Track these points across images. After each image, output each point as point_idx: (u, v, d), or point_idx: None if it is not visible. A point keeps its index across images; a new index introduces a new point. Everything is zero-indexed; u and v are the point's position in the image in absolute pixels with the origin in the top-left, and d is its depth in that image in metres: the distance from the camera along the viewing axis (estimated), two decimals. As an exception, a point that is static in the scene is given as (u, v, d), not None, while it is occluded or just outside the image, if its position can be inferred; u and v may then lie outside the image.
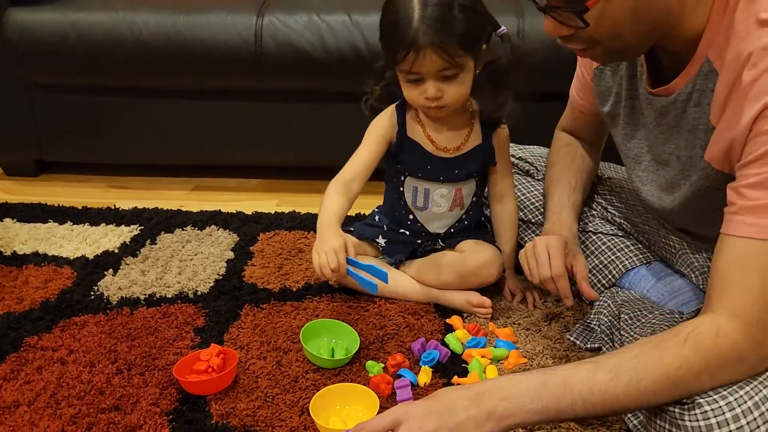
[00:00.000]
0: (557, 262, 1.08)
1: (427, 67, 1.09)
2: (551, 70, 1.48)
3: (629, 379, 0.79)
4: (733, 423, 0.77)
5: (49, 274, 1.39)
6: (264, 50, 1.67)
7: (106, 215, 1.65)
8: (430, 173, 1.24)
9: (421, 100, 1.14)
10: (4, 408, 1.02)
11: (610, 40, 0.87)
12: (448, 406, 0.82)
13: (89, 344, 1.16)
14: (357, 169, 1.24)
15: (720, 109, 0.86)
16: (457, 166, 1.24)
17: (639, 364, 0.80)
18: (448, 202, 1.27)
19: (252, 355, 1.14)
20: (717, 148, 0.88)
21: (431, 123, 1.23)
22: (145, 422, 0.99)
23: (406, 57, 1.08)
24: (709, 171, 0.91)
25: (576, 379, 0.81)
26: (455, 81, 1.12)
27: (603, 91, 1.13)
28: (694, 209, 0.99)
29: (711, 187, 0.93)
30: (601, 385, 0.80)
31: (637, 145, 1.08)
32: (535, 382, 0.82)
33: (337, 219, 1.19)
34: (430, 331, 1.21)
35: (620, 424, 0.98)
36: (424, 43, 1.06)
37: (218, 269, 1.41)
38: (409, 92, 1.15)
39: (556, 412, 0.81)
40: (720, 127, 0.87)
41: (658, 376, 0.79)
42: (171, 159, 1.89)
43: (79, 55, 1.70)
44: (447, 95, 1.13)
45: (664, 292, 1.14)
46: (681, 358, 0.78)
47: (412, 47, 1.07)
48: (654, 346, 0.81)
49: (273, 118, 1.79)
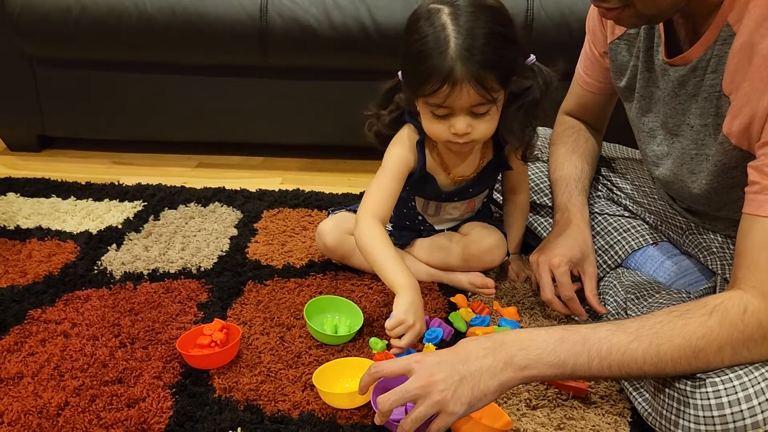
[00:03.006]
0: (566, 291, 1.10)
1: (462, 102, 1.00)
2: (561, 50, 1.45)
3: (650, 343, 0.79)
4: (744, 402, 0.76)
5: (53, 249, 1.39)
6: (269, 26, 1.65)
7: (109, 191, 1.65)
8: (444, 200, 1.23)
9: (447, 135, 1.05)
10: (8, 379, 1.02)
11: (645, 3, 0.85)
12: (463, 355, 0.82)
13: (92, 318, 1.16)
14: (389, 205, 1.14)
15: (732, 76, 0.85)
16: (471, 186, 1.22)
17: (662, 330, 0.79)
18: (460, 212, 1.27)
19: (255, 331, 1.14)
20: (736, 123, 0.86)
21: (449, 155, 1.17)
22: (148, 395, 0.99)
23: (438, 90, 0.99)
24: (726, 146, 0.90)
25: (595, 338, 0.81)
26: (486, 116, 1.04)
27: (619, 66, 1.11)
28: (712, 188, 0.98)
29: (728, 165, 0.92)
30: (620, 345, 0.79)
31: (652, 119, 1.07)
32: (554, 336, 0.82)
33: (416, 280, 1.07)
34: (434, 309, 1.21)
35: (624, 403, 0.98)
36: (462, 77, 0.97)
37: (222, 245, 1.41)
38: (434, 126, 1.06)
39: (572, 368, 0.81)
40: (738, 101, 0.85)
41: (679, 343, 0.78)
42: (175, 135, 1.88)
43: (82, 29, 1.68)
44: (476, 131, 1.04)
45: (671, 272, 1.13)
46: (706, 328, 0.78)
47: (448, 80, 0.97)
48: (679, 315, 0.80)
49: (278, 95, 1.77)
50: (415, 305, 1.03)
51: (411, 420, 0.82)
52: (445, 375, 0.80)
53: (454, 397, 0.80)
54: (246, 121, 1.82)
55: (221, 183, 1.69)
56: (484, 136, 1.07)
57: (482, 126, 1.05)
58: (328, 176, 1.82)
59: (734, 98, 0.86)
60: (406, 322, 1.01)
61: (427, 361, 0.83)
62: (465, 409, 0.81)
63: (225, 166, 1.87)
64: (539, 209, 1.33)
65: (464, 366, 0.81)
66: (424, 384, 0.81)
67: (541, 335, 0.83)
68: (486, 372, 0.80)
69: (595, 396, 1.00)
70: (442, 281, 1.28)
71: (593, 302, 1.12)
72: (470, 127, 1.04)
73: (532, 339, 0.82)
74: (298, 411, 0.97)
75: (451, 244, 1.26)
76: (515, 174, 1.27)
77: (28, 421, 0.94)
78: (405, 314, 1.01)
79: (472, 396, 0.80)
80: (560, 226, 1.18)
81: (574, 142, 1.27)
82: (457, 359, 0.82)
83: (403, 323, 1.01)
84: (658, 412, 0.86)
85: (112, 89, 1.80)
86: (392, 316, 1.03)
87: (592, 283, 1.13)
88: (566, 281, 1.11)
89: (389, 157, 1.16)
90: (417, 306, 1.03)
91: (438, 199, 1.23)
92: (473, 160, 1.19)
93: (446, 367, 0.81)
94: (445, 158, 1.17)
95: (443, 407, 0.80)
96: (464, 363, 0.81)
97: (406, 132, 1.16)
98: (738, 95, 0.85)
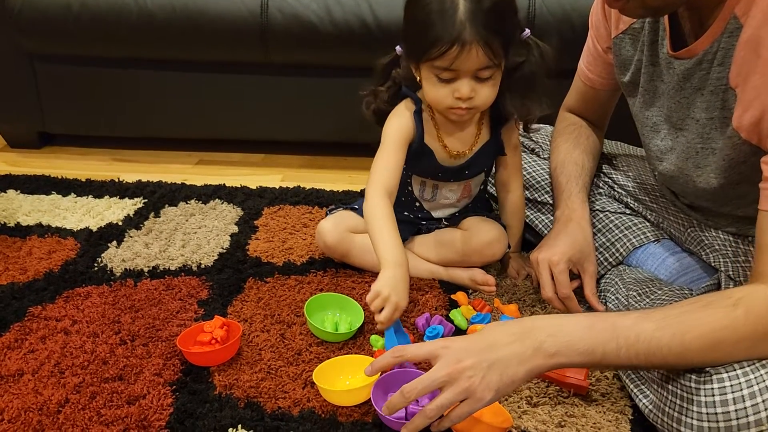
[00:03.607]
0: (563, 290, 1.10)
1: (469, 64, 1.01)
2: (563, 45, 1.45)
3: (674, 332, 0.78)
4: (749, 400, 0.76)
5: (53, 246, 1.38)
6: (270, 22, 1.64)
7: (109, 188, 1.64)
8: (440, 178, 1.23)
9: (450, 101, 1.06)
10: (9, 376, 1.02)
11: None
12: (490, 341, 0.81)
13: (93, 315, 1.16)
14: (396, 177, 1.14)
15: (739, 68, 0.84)
16: (468, 167, 1.22)
17: (686, 319, 0.79)
18: (457, 195, 1.27)
19: (256, 328, 1.14)
20: (746, 117, 0.85)
21: (446, 126, 1.18)
22: (149, 392, 0.99)
23: (447, 52, 1.00)
24: (735, 140, 0.89)
25: (622, 325, 0.80)
26: (489, 82, 1.06)
27: (623, 61, 1.11)
28: (718, 183, 0.98)
29: (736, 160, 0.92)
30: (646, 333, 0.79)
31: (656, 113, 1.06)
32: (582, 323, 0.81)
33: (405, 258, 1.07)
34: (434, 307, 1.20)
35: (625, 401, 0.98)
36: (471, 39, 0.99)
37: (222, 243, 1.40)
38: (437, 91, 1.07)
39: (602, 356, 0.80)
40: (746, 94, 0.85)
41: (703, 332, 0.78)
42: (175, 132, 1.88)
43: (82, 26, 1.68)
44: (479, 96, 1.06)
45: (672, 269, 1.13)
46: (731, 318, 0.77)
47: (457, 41, 0.99)
48: (704, 305, 0.80)
49: (279, 91, 1.77)
50: (395, 279, 1.02)
51: (436, 406, 0.80)
52: (474, 361, 0.79)
53: (482, 383, 0.78)
54: (247, 118, 1.82)
55: (222, 180, 1.69)
56: (485, 103, 1.09)
57: (485, 91, 1.07)
58: (329, 173, 1.82)
59: (742, 91, 0.85)
60: (381, 294, 1.00)
61: (454, 347, 0.81)
62: (493, 395, 0.79)
63: (225, 163, 1.87)
64: (540, 206, 1.33)
65: (492, 352, 0.79)
66: (452, 371, 0.79)
67: (569, 321, 0.82)
68: (515, 358, 0.79)
69: (596, 393, 1.00)
70: (443, 278, 1.28)
71: (592, 301, 1.12)
72: (473, 91, 1.05)
73: (560, 325, 0.81)
74: (298, 408, 0.97)
75: (451, 239, 1.26)
76: (508, 165, 1.27)
77: (29, 418, 0.94)
78: (381, 287, 1.01)
79: (500, 382, 0.79)
80: (560, 224, 1.18)
81: (575, 139, 1.27)
82: (484, 345, 0.81)
83: (379, 296, 1.01)
84: (661, 410, 0.85)
85: (113, 86, 1.80)
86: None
87: (592, 281, 1.13)
88: (564, 280, 1.11)
89: (389, 128, 1.17)
90: (398, 280, 1.02)
91: (435, 177, 1.23)
92: (469, 136, 1.20)
93: (474, 353, 0.79)
94: (443, 129, 1.18)
95: (471, 394, 0.79)
96: (492, 349, 0.80)
97: (404, 104, 1.18)
98: (746, 88, 0.84)
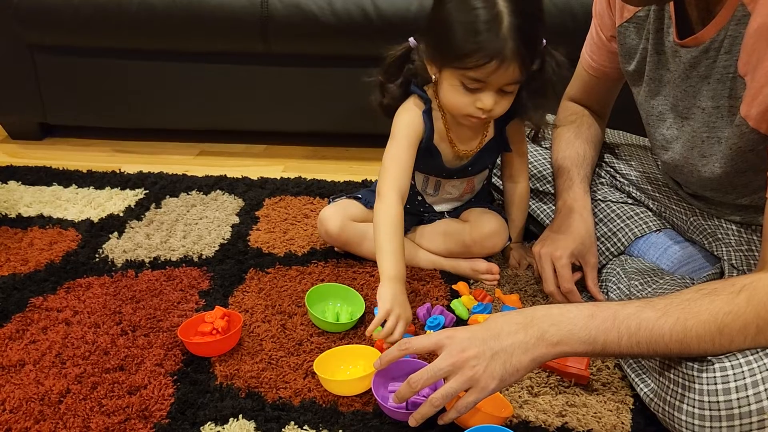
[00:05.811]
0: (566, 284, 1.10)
1: (503, 79, 1.00)
2: (564, 33, 1.44)
3: (677, 318, 0.78)
4: (751, 388, 0.76)
5: (54, 237, 1.38)
6: (270, 12, 1.63)
7: (111, 179, 1.64)
8: (444, 175, 1.23)
9: (471, 109, 1.05)
10: (10, 367, 1.02)
11: None
12: (494, 330, 0.82)
13: (94, 306, 1.16)
14: (409, 178, 1.14)
15: (748, 57, 0.84)
16: (472, 164, 1.21)
17: (689, 306, 0.79)
18: (459, 191, 1.26)
19: (257, 319, 1.14)
20: (756, 105, 0.85)
21: (456, 128, 1.16)
22: (150, 382, 0.99)
23: (484, 65, 0.97)
24: (743, 128, 0.89)
25: (624, 314, 0.80)
26: (510, 95, 1.05)
27: (628, 50, 1.10)
28: (724, 172, 0.97)
29: (743, 149, 0.91)
30: (648, 321, 0.79)
31: (661, 102, 1.06)
32: (584, 313, 0.82)
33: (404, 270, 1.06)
34: (435, 297, 1.20)
35: (626, 390, 0.98)
36: (512, 55, 0.97)
37: (223, 233, 1.40)
38: (459, 99, 1.05)
39: (603, 345, 0.80)
40: (756, 82, 0.84)
41: (705, 319, 0.78)
42: (176, 123, 1.87)
43: (83, 17, 1.67)
44: (497, 108, 1.05)
45: (674, 258, 1.13)
46: (733, 305, 0.77)
47: (497, 57, 0.96)
48: (707, 293, 0.80)
49: (280, 82, 1.76)
50: (396, 294, 1.02)
51: (441, 395, 0.82)
52: (478, 351, 0.80)
53: (486, 372, 0.80)
54: (248, 109, 1.81)
55: (223, 171, 1.69)
56: (501, 114, 1.08)
57: (504, 103, 1.06)
58: (330, 164, 1.81)
59: (751, 79, 0.84)
60: (393, 312, 1.00)
61: (458, 337, 0.82)
62: (497, 384, 0.80)
63: (227, 154, 1.87)
64: (542, 196, 1.32)
65: (496, 341, 0.81)
66: (456, 360, 0.81)
67: (571, 311, 0.82)
68: (519, 347, 0.80)
69: (597, 383, 1.00)
70: (444, 268, 1.28)
71: (594, 291, 1.13)
72: (495, 103, 1.04)
73: (562, 314, 0.82)
74: (299, 398, 0.97)
75: (452, 230, 1.26)
76: (514, 161, 1.26)
77: (30, 408, 0.94)
78: (390, 306, 1.00)
79: (504, 371, 0.80)
80: (562, 215, 1.17)
81: (577, 128, 1.26)
82: (488, 335, 0.82)
83: (390, 314, 1.00)
84: (662, 398, 0.85)
85: (114, 77, 1.79)
86: (377, 309, 1.02)
87: (593, 273, 1.14)
88: (566, 274, 1.11)
89: (399, 125, 1.15)
90: (398, 294, 1.02)
91: (439, 175, 1.23)
92: (476, 134, 1.19)
93: (478, 343, 0.81)
94: (452, 131, 1.17)
95: (475, 383, 0.80)
96: (496, 338, 0.81)
97: (413, 101, 1.16)
98: (756, 76, 0.83)
